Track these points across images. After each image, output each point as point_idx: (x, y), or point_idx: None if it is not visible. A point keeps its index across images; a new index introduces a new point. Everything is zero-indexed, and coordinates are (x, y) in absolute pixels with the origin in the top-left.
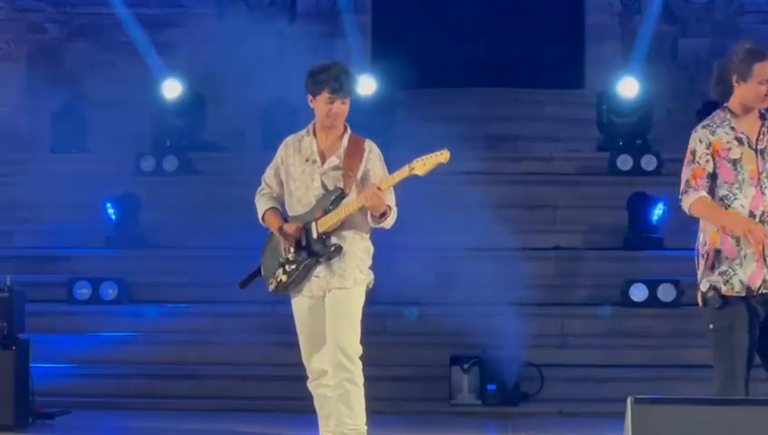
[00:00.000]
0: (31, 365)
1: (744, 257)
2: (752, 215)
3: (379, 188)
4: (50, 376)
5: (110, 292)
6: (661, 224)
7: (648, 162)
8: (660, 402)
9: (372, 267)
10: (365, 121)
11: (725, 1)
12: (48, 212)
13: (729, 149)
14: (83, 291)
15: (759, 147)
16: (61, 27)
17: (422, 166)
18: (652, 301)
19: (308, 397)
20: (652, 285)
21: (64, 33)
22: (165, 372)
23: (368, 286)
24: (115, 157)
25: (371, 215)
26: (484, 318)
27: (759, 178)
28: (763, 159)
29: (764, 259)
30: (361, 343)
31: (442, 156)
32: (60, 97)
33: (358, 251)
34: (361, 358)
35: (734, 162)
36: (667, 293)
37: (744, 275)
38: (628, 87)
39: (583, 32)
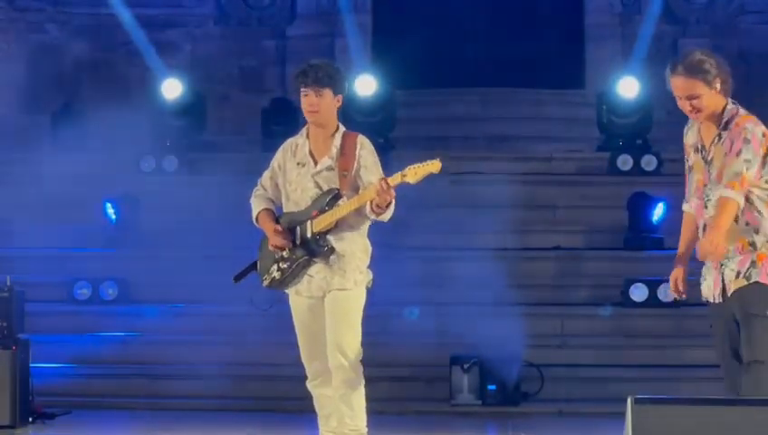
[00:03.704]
0: (31, 365)
1: (708, 268)
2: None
3: (387, 182)
4: (50, 376)
5: (110, 292)
6: (661, 224)
7: (648, 162)
8: (660, 402)
9: (370, 266)
10: (365, 121)
11: (725, 1)
12: (48, 212)
13: (689, 154)
14: (83, 291)
15: (708, 156)
16: (61, 27)
17: (413, 174)
18: (652, 301)
19: (308, 397)
20: (652, 285)
21: (64, 33)
22: (165, 372)
23: (367, 286)
24: (115, 157)
25: (373, 208)
26: (485, 318)
27: (703, 190)
28: (709, 170)
29: (719, 269)
30: (362, 343)
31: (433, 166)
32: (60, 97)
33: (357, 251)
34: (362, 359)
35: (690, 169)
36: (667, 293)
37: (709, 284)
38: (628, 87)
39: (583, 32)
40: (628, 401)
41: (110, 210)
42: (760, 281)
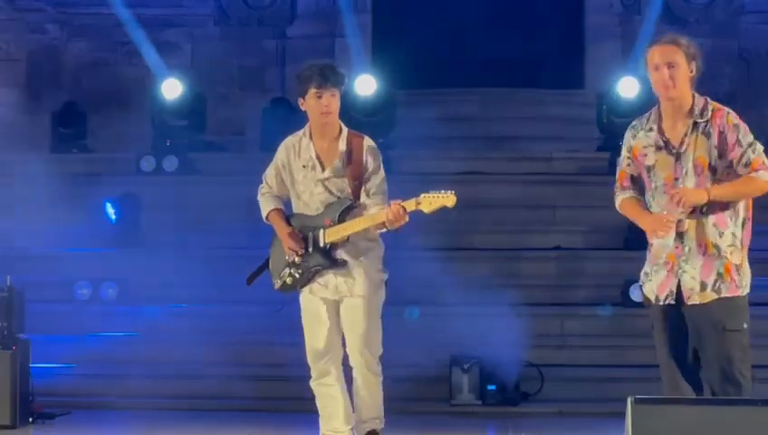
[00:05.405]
0: (31, 365)
1: (659, 266)
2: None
3: (403, 208)
4: (50, 376)
5: (110, 292)
6: None
7: None
8: (660, 402)
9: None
10: (365, 121)
11: (725, 1)
12: (48, 212)
13: (645, 155)
14: (83, 291)
15: (681, 149)
16: (61, 27)
17: (428, 204)
18: None
19: (308, 397)
20: None
21: (64, 33)
22: (165, 371)
23: (385, 282)
24: (115, 157)
25: (380, 226)
26: (485, 318)
27: (674, 185)
28: (682, 163)
29: (674, 271)
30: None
31: (448, 199)
32: (60, 97)
33: (374, 252)
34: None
35: (649, 169)
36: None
37: (656, 283)
38: (628, 87)
39: (583, 32)
40: (628, 401)
41: (110, 210)
42: (731, 295)
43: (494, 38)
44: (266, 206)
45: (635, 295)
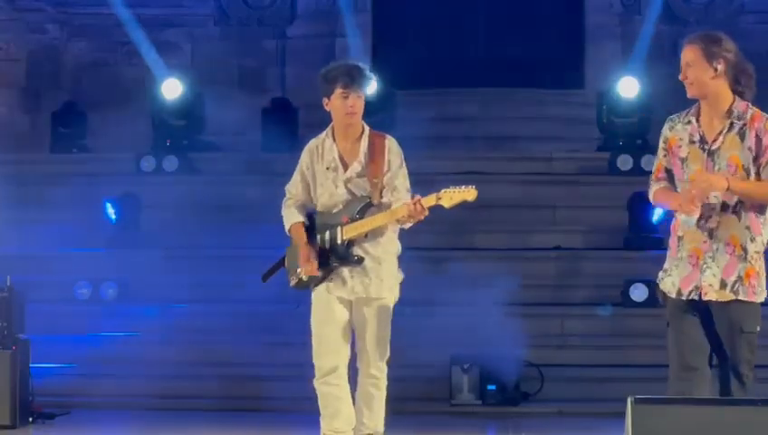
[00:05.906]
0: (31, 365)
1: (681, 260)
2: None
3: (422, 204)
4: (50, 376)
5: (110, 292)
6: (661, 224)
7: (648, 162)
8: (660, 402)
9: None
10: (365, 121)
11: (725, 1)
12: (48, 212)
13: (680, 147)
14: (83, 291)
15: (713, 147)
16: (61, 27)
17: (449, 199)
18: (652, 301)
19: (308, 397)
20: (652, 285)
21: (64, 33)
22: (165, 372)
23: (399, 285)
24: (115, 157)
25: (400, 220)
26: (485, 318)
27: None
28: (714, 160)
29: (699, 266)
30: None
31: (469, 193)
32: (60, 97)
33: (391, 255)
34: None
35: (683, 160)
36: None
37: (678, 277)
38: (628, 87)
39: (583, 32)
40: (628, 401)
41: (110, 210)
42: (748, 300)
43: (494, 38)
44: (289, 219)
45: (635, 295)
